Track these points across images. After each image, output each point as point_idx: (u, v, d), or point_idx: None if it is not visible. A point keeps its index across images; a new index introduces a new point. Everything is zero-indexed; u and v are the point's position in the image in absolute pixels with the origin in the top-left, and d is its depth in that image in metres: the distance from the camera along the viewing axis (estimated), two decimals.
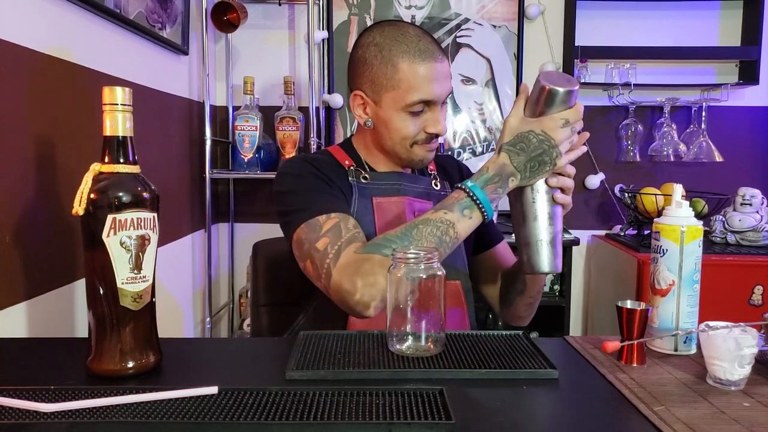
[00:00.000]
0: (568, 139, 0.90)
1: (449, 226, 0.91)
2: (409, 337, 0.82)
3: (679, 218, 0.87)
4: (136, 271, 0.76)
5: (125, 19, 1.49)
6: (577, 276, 2.41)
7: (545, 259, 0.93)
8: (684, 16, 2.30)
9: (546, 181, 0.93)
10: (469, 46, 2.34)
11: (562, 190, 0.95)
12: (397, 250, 0.83)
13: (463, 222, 0.91)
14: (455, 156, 2.33)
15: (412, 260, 0.81)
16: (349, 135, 2.38)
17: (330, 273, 0.93)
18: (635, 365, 0.81)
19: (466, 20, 2.32)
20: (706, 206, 1.93)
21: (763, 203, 2.00)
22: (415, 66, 1.03)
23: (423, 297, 0.81)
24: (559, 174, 0.94)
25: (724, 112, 2.30)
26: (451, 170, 1.25)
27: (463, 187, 0.92)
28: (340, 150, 1.16)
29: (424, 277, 0.81)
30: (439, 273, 0.82)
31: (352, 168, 1.12)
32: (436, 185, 1.18)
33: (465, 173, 1.26)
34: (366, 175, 1.12)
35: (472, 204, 0.91)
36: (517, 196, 0.95)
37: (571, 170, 0.96)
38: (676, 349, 0.86)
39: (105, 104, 0.76)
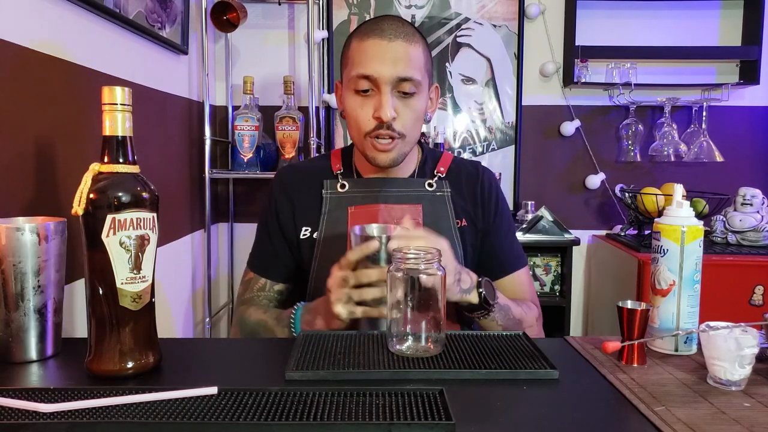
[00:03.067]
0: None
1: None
2: (409, 337, 0.82)
3: (679, 218, 0.87)
4: (135, 271, 0.76)
5: (125, 19, 1.49)
6: (577, 276, 2.41)
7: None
8: (684, 16, 2.30)
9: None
10: (469, 45, 2.34)
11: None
12: (396, 250, 0.83)
13: (285, 332, 1.03)
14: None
15: (412, 260, 0.81)
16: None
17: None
18: (636, 365, 0.80)
19: (467, 20, 2.32)
20: (707, 206, 1.93)
21: (763, 203, 2.00)
22: (360, 42, 1.04)
23: (423, 297, 0.81)
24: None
25: (724, 112, 2.30)
26: (466, 178, 1.16)
27: (296, 306, 1.03)
28: (339, 154, 1.18)
29: (424, 277, 0.81)
30: (439, 273, 0.82)
31: (338, 173, 1.14)
32: (431, 185, 1.13)
33: (486, 187, 1.16)
34: (344, 183, 1.12)
35: (289, 322, 1.02)
36: None
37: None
38: (676, 350, 0.86)
39: (104, 104, 0.76)
